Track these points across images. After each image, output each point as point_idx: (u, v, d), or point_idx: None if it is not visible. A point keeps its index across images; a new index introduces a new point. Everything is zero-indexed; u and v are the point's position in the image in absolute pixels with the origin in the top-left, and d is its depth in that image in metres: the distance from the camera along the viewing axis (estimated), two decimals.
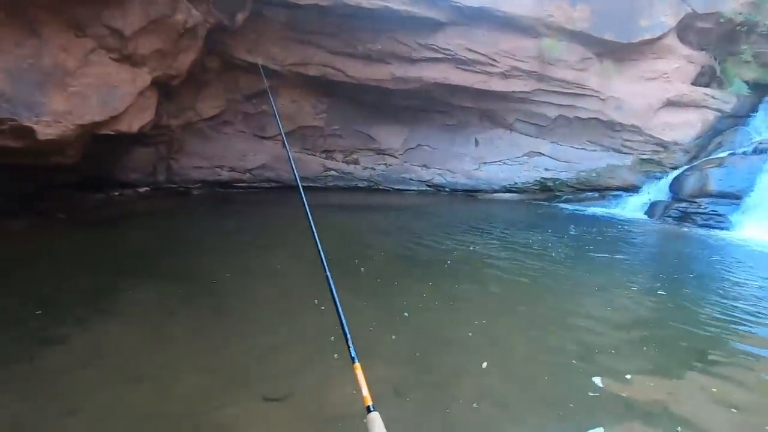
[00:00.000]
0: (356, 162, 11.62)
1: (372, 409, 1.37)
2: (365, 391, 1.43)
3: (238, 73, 9.75)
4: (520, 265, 5.81)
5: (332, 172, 11.41)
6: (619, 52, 9.74)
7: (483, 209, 10.06)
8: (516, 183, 11.63)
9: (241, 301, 4.37)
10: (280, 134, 10.46)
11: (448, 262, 5.83)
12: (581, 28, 9.06)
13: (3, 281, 4.59)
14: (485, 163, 11.71)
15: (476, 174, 11.71)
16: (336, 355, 3.27)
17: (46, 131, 5.04)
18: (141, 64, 6.21)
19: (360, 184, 11.69)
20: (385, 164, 11.72)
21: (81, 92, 5.44)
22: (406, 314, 4.17)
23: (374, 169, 11.68)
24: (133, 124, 6.49)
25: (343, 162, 11.52)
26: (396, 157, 11.73)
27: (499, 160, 11.68)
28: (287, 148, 3.09)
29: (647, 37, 9.36)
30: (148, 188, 9.69)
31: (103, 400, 2.81)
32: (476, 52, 9.40)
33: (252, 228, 7.43)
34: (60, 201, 7.69)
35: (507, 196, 11.78)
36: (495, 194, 11.79)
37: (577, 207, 10.73)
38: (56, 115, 5.15)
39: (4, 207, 6.50)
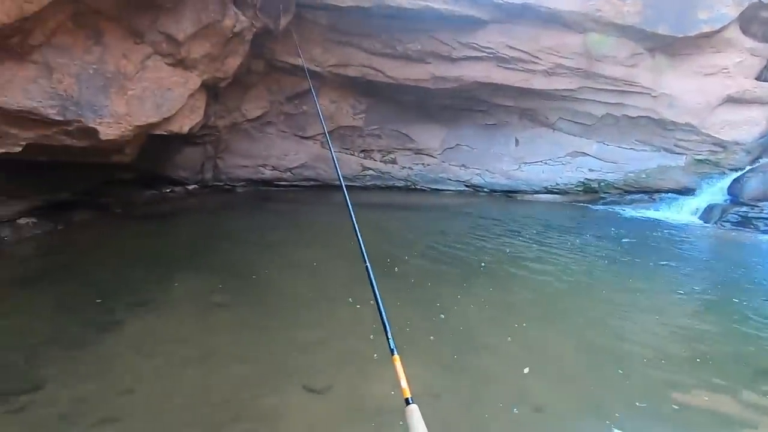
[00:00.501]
0: (394, 161, 11.67)
1: (410, 402, 1.37)
2: (404, 383, 1.44)
3: (280, 75, 10.05)
4: (560, 270, 5.64)
5: (370, 172, 11.52)
6: (674, 47, 9.20)
7: (522, 210, 9.81)
8: (558, 184, 11.25)
9: (280, 296, 4.52)
10: (324, 134, 10.71)
11: (482, 264, 5.75)
12: (632, 22, 8.64)
13: (69, 270, 4.99)
14: (525, 163, 11.42)
15: (516, 174, 11.44)
16: (376, 354, 3.33)
17: (107, 132, 5.42)
18: (192, 68, 6.54)
19: (397, 184, 11.72)
20: (423, 164, 11.68)
21: (138, 95, 5.81)
22: (442, 315, 4.16)
23: (412, 169, 11.67)
24: (184, 125, 6.84)
25: (380, 161, 11.60)
26: (434, 157, 11.67)
27: (541, 161, 11.35)
28: (330, 147, 3.16)
29: (706, 29, 8.78)
30: (196, 185, 10.18)
31: (154, 382, 3.00)
32: (518, 49, 9.18)
33: (291, 225, 7.64)
34: (118, 196, 8.25)
35: (548, 197, 11.43)
36: (535, 195, 11.47)
37: (623, 209, 10.22)
38: (117, 117, 5.52)
39: (71, 201, 7.06)
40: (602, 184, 10.90)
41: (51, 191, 6.65)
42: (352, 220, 2.26)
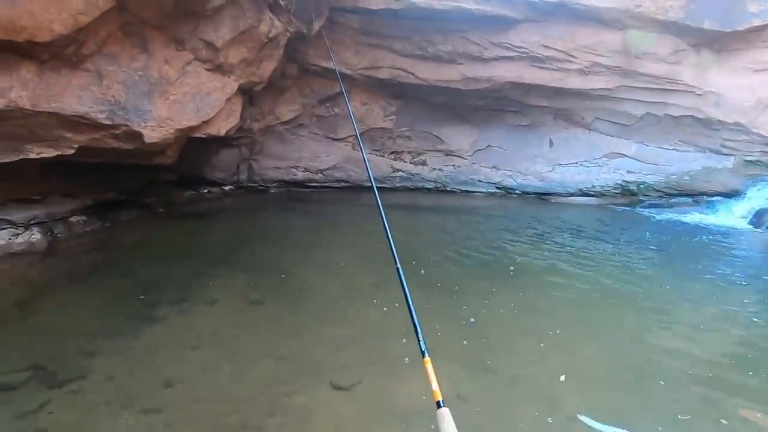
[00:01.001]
0: (424, 163, 11.65)
1: (442, 405, 1.35)
2: (435, 386, 1.42)
3: (312, 79, 10.25)
4: (595, 275, 5.46)
5: (400, 173, 11.55)
6: (720, 42, 8.73)
7: (555, 213, 9.57)
8: (594, 186, 10.90)
9: (310, 295, 4.62)
10: (355, 136, 10.83)
11: (512, 269, 5.65)
12: (675, 18, 8.27)
13: (115, 266, 5.29)
14: (560, 164, 11.14)
15: (549, 176, 11.17)
16: (407, 358, 3.34)
17: (151, 135, 5.72)
18: (229, 73, 6.79)
19: (427, 185, 11.70)
20: (453, 165, 11.61)
21: (179, 100, 6.09)
22: (472, 319, 4.13)
23: (442, 170, 11.62)
24: (222, 127, 7.11)
25: (410, 163, 11.61)
26: (464, 158, 11.57)
27: (576, 162, 11.03)
28: (362, 148, 3.23)
29: (757, 23, 8.28)
30: (231, 186, 10.53)
31: (193, 375, 3.14)
32: (552, 48, 8.97)
33: (322, 225, 7.77)
34: (160, 196, 8.65)
35: (583, 199, 11.09)
36: (570, 198, 11.16)
37: (664, 213, 9.75)
38: (159, 121, 5.82)
39: (117, 201, 7.47)
40: (642, 186, 10.47)
41: (100, 191, 7.07)
42: (384, 223, 2.29)
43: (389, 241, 2.16)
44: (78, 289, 4.56)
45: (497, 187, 11.60)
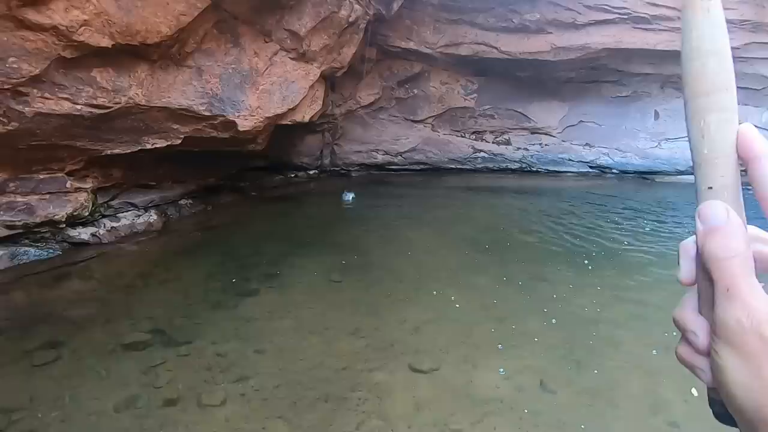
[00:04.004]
0: (507, 142, 11.08)
1: None
2: None
3: (391, 61, 10.22)
4: None
5: (482, 154, 11.14)
6: None
7: (661, 194, 8.53)
8: None
9: (390, 276, 4.68)
10: (434, 117, 10.66)
11: (607, 256, 5.16)
12: None
13: (216, 243, 5.86)
14: (667, 139, 9.88)
15: (654, 153, 9.97)
16: (500, 345, 3.25)
17: (244, 123, 6.16)
18: (312, 60, 7.02)
19: (511, 166, 11.14)
20: (540, 144, 10.89)
21: (268, 89, 6.45)
22: (559, 305, 3.87)
23: (527, 150, 10.97)
24: (306, 114, 7.42)
25: (493, 143, 11.12)
26: (553, 136, 10.78)
27: (687, 136, 9.68)
28: None
29: None
30: (315, 171, 11.03)
31: (283, 346, 3.38)
32: (660, 5, 7.87)
33: (401, 208, 7.80)
34: (252, 181, 9.37)
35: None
36: (679, 177, 9.88)
37: None
38: (251, 110, 6.23)
39: (217, 186, 8.25)
40: None
41: (202, 177, 7.84)
42: None
43: None
44: (187, 264, 5.14)
45: (590, 167, 10.67)
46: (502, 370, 2.98)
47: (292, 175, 10.71)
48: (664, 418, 2.57)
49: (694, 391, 2.74)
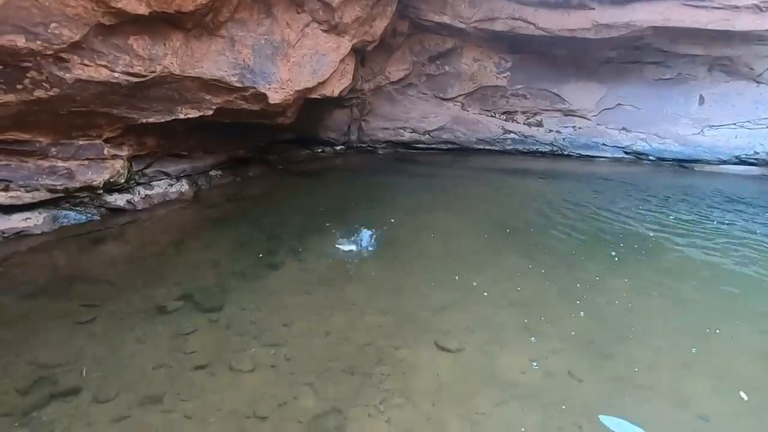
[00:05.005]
0: (539, 124, 10.74)
1: None
2: None
3: (423, 36, 9.94)
4: (753, 261, 4.58)
5: (512, 135, 10.84)
6: None
7: (702, 184, 8.16)
8: (757, 152, 9.01)
9: (415, 256, 4.67)
10: (464, 95, 10.36)
11: (635, 246, 4.99)
12: None
13: (244, 214, 5.96)
14: (711, 126, 9.37)
15: (695, 140, 9.49)
16: (526, 330, 3.22)
17: (275, 96, 6.15)
18: (344, 33, 6.89)
19: (542, 149, 10.82)
20: (574, 127, 10.50)
21: (298, 62, 6.39)
22: (585, 296, 3.79)
23: (560, 132, 10.61)
24: (336, 88, 7.34)
25: (524, 124, 10.80)
26: (588, 119, 10.38)
27: (734, 123, 9.17)
28: None
29: None
30: (342, 146, 11.00)
31: (308, 319, 3.44)
32: None
33: (427, 188, 7.72)
34: (280, 155, 9.42)
35: (739, 168, 9.27)
36: (720, 166, 9.41)
37: None
38: (282, 83, 6.21)
39: (245, 158, 8.34)
40: None
41: (232, 149, 7.94)
42: None
43: None
44: (216, 233, 5.26)
45: (626, 152, 10.27)
46: (529, 356, 2.97)
47: (319, 150, 10.72)
48: (693, 411, 2.52)
49: (743, 394, 2.66)
